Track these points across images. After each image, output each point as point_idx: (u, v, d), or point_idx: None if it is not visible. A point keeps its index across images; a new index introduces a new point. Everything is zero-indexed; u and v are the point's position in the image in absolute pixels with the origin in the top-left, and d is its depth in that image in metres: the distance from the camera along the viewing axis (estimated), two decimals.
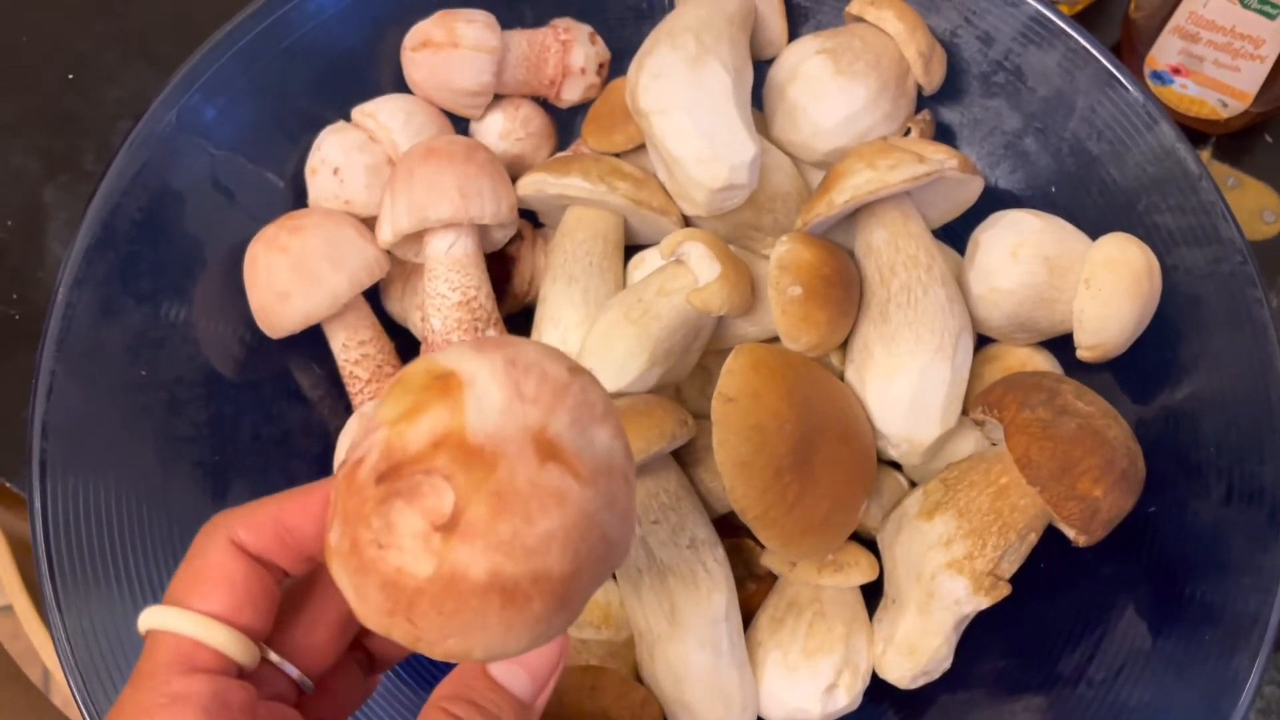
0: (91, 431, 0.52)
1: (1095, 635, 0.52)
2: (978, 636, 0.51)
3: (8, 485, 0.64)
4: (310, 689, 0.34)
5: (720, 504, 0.54)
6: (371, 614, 0.27)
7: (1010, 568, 0.49)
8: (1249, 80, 0.65)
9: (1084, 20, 0.72)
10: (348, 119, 0.60)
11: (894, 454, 0.54)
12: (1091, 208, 0.58)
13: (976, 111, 0.62)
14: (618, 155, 0.60)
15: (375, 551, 0.26)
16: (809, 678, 0.51)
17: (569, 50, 0.62)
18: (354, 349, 0.57)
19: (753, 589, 0.56)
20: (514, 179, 0.58)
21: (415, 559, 0.25)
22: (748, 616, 0.54)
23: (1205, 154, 0.71)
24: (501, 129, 0.62)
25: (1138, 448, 0.49)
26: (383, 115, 0.59)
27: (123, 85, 0.72)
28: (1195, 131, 0.70)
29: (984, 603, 0.49)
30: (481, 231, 0.57)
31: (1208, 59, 0.65)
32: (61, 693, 1.02)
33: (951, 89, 0.62)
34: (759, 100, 0.60)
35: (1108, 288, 0.52)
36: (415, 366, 0.28)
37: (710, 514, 0.53)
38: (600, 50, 0.63)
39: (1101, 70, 0.57)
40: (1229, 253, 0.54)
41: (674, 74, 0.53)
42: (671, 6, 0.62)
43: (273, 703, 0.33)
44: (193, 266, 0.56)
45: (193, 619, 0.30)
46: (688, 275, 0.52)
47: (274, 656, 0.33)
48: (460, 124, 0.63)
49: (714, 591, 0.50)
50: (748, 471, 0.46)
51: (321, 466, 0.58)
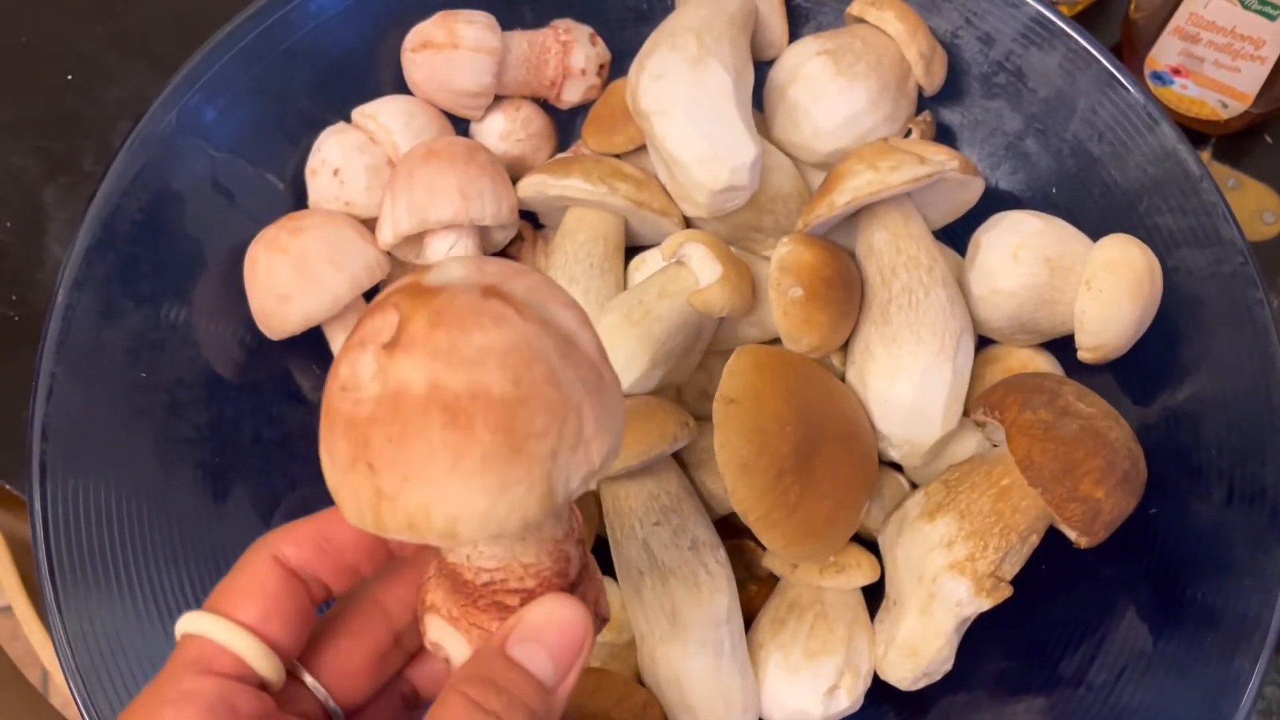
0: (91, 433, 0.52)
1: (1097, 637, 0.52)
2: (979, 638, 0.51)
3: (7, 487, 0.64)
4: (340, 717, 0.34)
5: (722, 506, 0.54)
6: (341, 478, 0.27)
7: (1012, 569, 0.49)
8: (1249, 81, 0.65)
9: (1084, 21, 0.71)
10: (348, 120, 0.60)
11: (895, 455, 0.54)
12: (1092, 209, 0.58)
13: (977, 112, 0.62)
14: (618, 156, 0.60)
15: (339, 395, 0.27)
16: (810, 679, 0.51)
17: (569, 51, 0.62)
18: None
19: (754, 591, 0.56)
20: (514, 180, 0.58)
21: (367, 385, 0.26)
22: (749, 618, 0.54)
23: (1205, 155, 0.71)
24: (502, 130, 0.62)
25: (1139, 449, 0.49)
26: (383, 116, 0.59)
27: (123, 86, 0.72)
28: (1195, 132, 0.70)
29: (985, 604, 0.49)
30: (482, 233, 0.57)
31: (1208, 60, 0.65)
32: (61, 694, 1.02)
33: (952, 90, 0.62)
34: (760, 101, 0.60)
35: (1109, 289, 0.52)
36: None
37: (711, 516, 0.53)
38: (601, 51, 0.63)
39: (1102, 71, 0.57)
40: (1230, 254, 0.54)
41: (675, 75, 0.52)
42: (673, 7, 0.62)
43: None
44: (193, 268, 0.56)
45: (217, 623, 0.31)
46: (689, 277, 0.52)
47: (307, 677, 0.33)
48: (461, 125, 0.63)
49: (715, 593, 0.50)
50: (749, 473, 0.46)
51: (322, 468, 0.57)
